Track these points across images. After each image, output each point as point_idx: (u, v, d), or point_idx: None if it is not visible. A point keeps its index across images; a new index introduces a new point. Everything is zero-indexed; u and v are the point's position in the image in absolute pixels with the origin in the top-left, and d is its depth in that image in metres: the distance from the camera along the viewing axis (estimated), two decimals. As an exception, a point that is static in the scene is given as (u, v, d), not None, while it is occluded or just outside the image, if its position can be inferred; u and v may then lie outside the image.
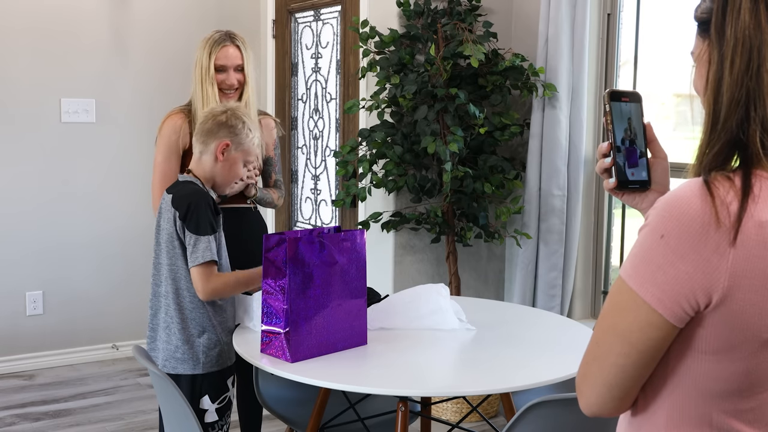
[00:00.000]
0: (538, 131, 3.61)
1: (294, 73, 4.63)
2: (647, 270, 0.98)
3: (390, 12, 3.70)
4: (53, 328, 4.41)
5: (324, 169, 4.44)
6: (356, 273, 2.23)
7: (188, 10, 4.61)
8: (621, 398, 1.05)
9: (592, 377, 1.05)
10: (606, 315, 1.03)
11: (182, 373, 2.31)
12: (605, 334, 1.03)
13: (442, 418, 3.41)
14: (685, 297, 0.96)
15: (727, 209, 0.94)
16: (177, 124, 2.76)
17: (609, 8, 3.64)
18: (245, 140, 2.37)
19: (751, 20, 0.98)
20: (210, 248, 2.24)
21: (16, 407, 3.84)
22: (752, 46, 0.98)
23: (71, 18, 4.32)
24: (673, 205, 0.97)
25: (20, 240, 4.30)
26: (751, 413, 1.02)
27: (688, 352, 1.01)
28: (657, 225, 0.98)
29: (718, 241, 0.94)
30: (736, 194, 0.95)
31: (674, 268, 0.96)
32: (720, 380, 1.00)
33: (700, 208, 0.95)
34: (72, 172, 4.39)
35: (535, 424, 1.87)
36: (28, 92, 4.26)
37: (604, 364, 1.03)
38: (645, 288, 0.98)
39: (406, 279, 3.77)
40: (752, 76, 0.97)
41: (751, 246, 0.94)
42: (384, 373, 2.11)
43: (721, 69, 1.00)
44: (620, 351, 1.01)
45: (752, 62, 0.97)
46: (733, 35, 0.99)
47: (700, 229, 0.95)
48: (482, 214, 3.60)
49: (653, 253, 0.98)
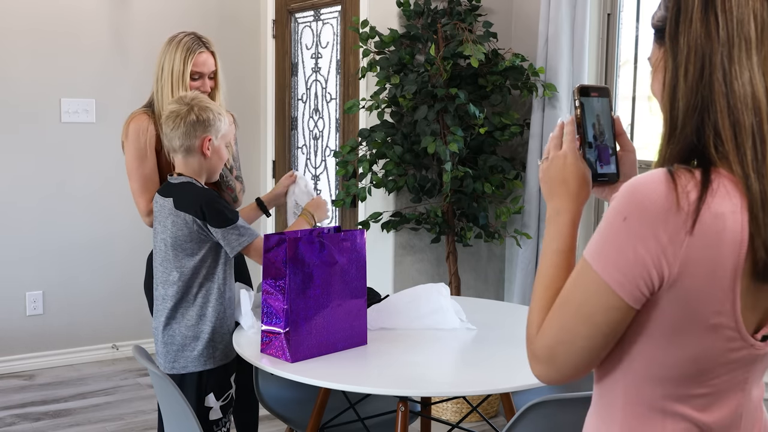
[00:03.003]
0: (538, 131, 3.62)
1: (294, 73, 4.63)
2: (610, 252, 1.01)
3: (390, 12, 3.70)
4: (53, 328, 4.41)
5: (324, 169, 4.45)
6: (356, 273, 2.23)
7: (188, 11, 4.61)
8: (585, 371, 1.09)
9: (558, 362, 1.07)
10: (570, 297, 1.06)
11: (191, 371, 2.34)
12: (571, 317, 1.05)
13: (442, 418, 3.41)
14: (642, 279, 0.99)
15: (687, 197, 0.98)
16: (143, 125, 2.67)
17: (609, 8, 3.64)
18: (221, 126, 2.37)
19: (702, 29, 1.01)
20: (247, 227, 2.30)
21: (16, 407, 3.84)
22: (704, 54, 1.01)
23: (71, 18, 4.32)
24: (637, 189, 1.00)
25: (20, 240, 4.30)
26: (703, 399, 1.06)
27: (639, 337, 1.05)
28: (620, 208, 1.01)
29: (677, 226, 0.98)
30: (696, 185, 0.99)
31: (634, 251, 0.99)
32: (669, 366, 1.04)
33: (663, 193, 0.98)
34: (72, 171, 4.39)
35: (535, 424, 1.87)
36: (28, 92, 4.26)
37: (570, 347, 1.06)
38: (607, 271, 1.01)
39: (406, 279, 3.77)
40: (705, 84, 1.01)
41: (705, 235, 0.98)
42: (384, 373, 2.11)
43: (676, 77, 1.03)
44: (586, 333, 1.04)
45: (705, 70, 1.01)
46: (686, 44, 1.02)
47: (661, 213, 0.98)
48: (482, 214, 3.60)
49: (615, 235, 1.01)
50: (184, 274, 2.31)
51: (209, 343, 2.33)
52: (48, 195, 4.34)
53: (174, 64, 2.66)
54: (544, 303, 1.10)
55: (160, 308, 2.36)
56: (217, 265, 2.34)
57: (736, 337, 1.02)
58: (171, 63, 2.67)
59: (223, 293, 2.35)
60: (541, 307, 1.11)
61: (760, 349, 1.05)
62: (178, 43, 2.68)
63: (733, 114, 0.99)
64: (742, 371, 1.06)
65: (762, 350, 1.05)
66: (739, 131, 0.99)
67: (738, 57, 1.00)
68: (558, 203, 1.17)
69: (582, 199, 1.17)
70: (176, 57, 2.66)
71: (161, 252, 2.34)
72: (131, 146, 2.68)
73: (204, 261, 2.32)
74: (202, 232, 2.28)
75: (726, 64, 1.00)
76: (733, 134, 0.99)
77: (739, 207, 0.98)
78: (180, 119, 2.31)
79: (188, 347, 2.33)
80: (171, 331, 2.34)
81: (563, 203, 1.16)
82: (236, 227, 2.27)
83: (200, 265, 2.31)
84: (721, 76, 1.00)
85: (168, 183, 2.38)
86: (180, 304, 2.33)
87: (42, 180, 4.32)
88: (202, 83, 2.72)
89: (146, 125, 2.67)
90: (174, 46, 2.68)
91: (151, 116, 2.70)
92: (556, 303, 1.08)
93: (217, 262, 2.34)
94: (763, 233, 0.98)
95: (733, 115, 0.99)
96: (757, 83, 0.99)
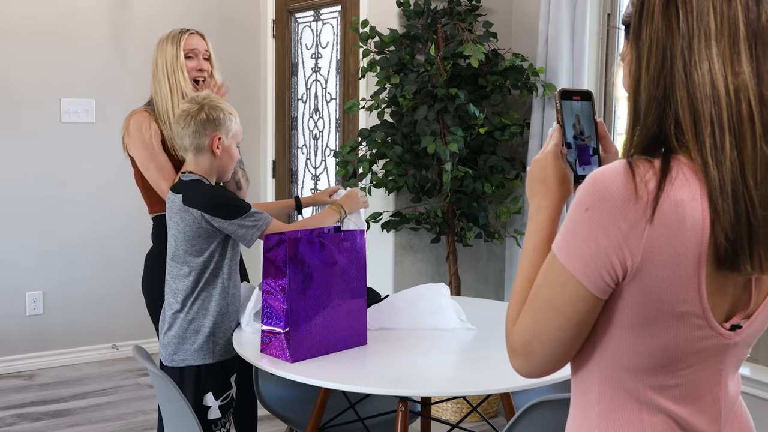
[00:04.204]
0: (538, 131, 3.62)
1: (294, 73, 4.63)
2: (573, 243, 1.03)
3: (390, 12, 3.70)
4: (53, 328, 4.41)
5: (324, 169, 4.45)
6: (356, 273, 2.23)
7: (188, 11, 4.61)
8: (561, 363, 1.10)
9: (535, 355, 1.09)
10: (541, 291, 1.07)
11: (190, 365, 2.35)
12: (542, 310, 1.07)
13: (442, 418, 3.41)
14: (606, 269, 1.01)
15: (646, 186, 0.99)
16: (145, 122, 2.67)
17: (609, 8, 3.64)
18: (232, 125, 2.38)
19: (663, 22, 1.03)
20: (259, 213, 2.30)
21: (16, 407, 3.84)
22: (665, 47, 1.03)
23: (71, 18, 4.32)
24: (598, 180, 1.01)
25: (20, 240, 4.30)
26: (677, 390, 1.06)
27: (609, 328, 1.06)
28: (582, 199, 1.02)
29: (636, 216, 0.99)
30: (654, 174, 1.00)
31: (596, 241, 1.00)
32: (640, 355, 1.05)
33: (622, 184, 1.00)
34: (72, 172, 4.39)
35: (535, 424, 1.87)
36: (28, 92, 4.26)
37: (544, 340, 1.07)
38: (572, 262, 1.03)
39: (406, 279, 3.77)
40: (666, 75, 1.02)
41: (666, 223, 0.99)
42: (384, 373, 2.11)
43: (639, 69, 1.05)
44: (557, 325, 1.06)
45: (666, 61, 1.03)
46: (647, 37, 1.04)
47: (621, 203, 0.99)
48: (482, 214, 3.60)
49: (578, 226, 1.02)
50: (194, 270, 2.33)
51: (209, 338, 2.34)
52: (48, 195, 4.35)
53: (167, 53, 2.71)
54: (522, 297, 1.12)
55: (171, 301, 2.38)
56: (224, 260, 2.36)
57: (704, 325, 1.03)
58: (164, 54, 2.72)
59: (227, 288, 2.36)
60: (517, 302, 1.13)
61: (729, 338, 1.05)
62: (167, 36, 2.76)
63: (692, 103, 1.01)
64: (713, 361, 1.06)
65: (731, 339, 1.05)
66: (699, 120, 1.00)
67: (698, 48, 1.01)
68: (538, 201, 1.18)
69: (561, 197, 1.18)
70: (167, 46, 2.72)
71: (172, 247, 2.37)
72: (137, 141, 2.67)
73: (212, 256, 2.33)
74: (211, 227, 2.29)
75: (686, 55, 1.01)
76: (693, 123, 1.00)
77: (698, 194, 0.99)
78: (190, 118, 2.33)
79: (188, 340, 2.34)
80: (176, 323, 2.36)
81: (542, 201, 1.18)
82: (251, 214, 2.29)
83: (209, 260, 2.33)
84: (681, 66, 1.01)
85: (180, 180, 2.39)
86: (188, 299, 2.34)
87: (42, 180, 4.32)
88: (197, 62, 2.75)
89: (148, 122, 2.68)
90: (164, 40, 2.75)
91: (152, 114, 2.70)
92: (529, 297, 1.09)
93: (224, 257, 2.36)
94: (722, 220, 0.98)
95: (693, 105, 1.00)
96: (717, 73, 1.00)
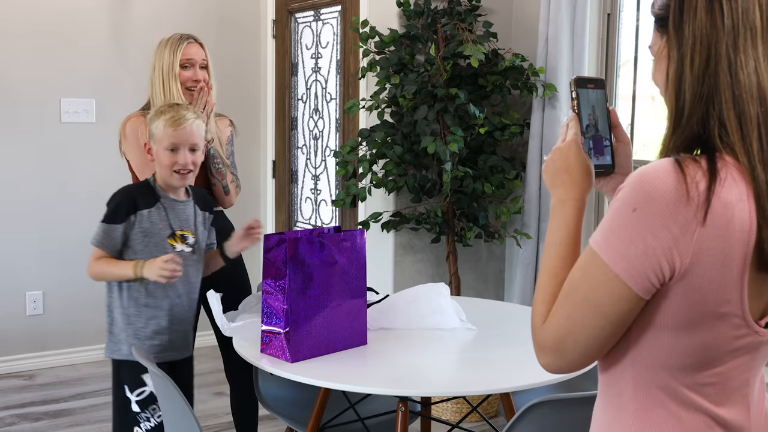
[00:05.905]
0: (538, 131, 3.61)
1: (294, 73, 4.63)
2: (619, 243, 1.00)
3: (390, 12, 3.70)
4: (53, 328, 4.41)
5: (324, 169, 4.45)
6: (356, 273, 2.23)
7: (188, 11, 4.61)
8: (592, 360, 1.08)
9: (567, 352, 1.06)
10: (578, 288, 1.04)
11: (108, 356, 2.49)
12: (579, 308, 1.04)
13: (442, 418, 3.41)
14: (653, 270, 0.99)
15: (697, 187, 0.97)
16: (141, 127, 2.70)
17: (609, 8, 3.64)
18: (155, 129, 2.40)
19: (707, 18, 1.00)
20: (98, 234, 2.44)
21: (16, 407, 3.84)
22: (710, 44, 1.00)
23: (71, 18, 4.32)
24: (646, 180, 0.99)
25: (20, 240, 4.30)
26: (711, 388, 1.05)
27: (647, 327, 1.04)
28: (629, 198, 1.00)
29: (687, 217, 0.97)
30: (704, 174, 0.98)
31: (644, 242, 0.98)
32: (678, 354, 1.04)
33: (672, 184, 0.98)
34: (72, 172, 4.39)
35: (535, 424, 1.87)
36: (28, 92, 4.26)
37: (579, 338, 1.05)
38: (616, 261, 1.00)
39: (406, 279, 3.77)
40: (711, 74, 1.00)
41: (716, 225, 0.97)
42: (384, 373, 2.10)
43: (681, 67, 1.02)
44: (595, 324, 1.04)
45: (711, 60, 1.00)
46: (691, 33, 1.01)
47: (671, 204, 0.97)
48: (482, 214, 3.60)
49: (625, 226, 1.00)
50: None
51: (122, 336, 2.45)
52: (48, 195, 4.34)
53: (164, 59, 2.75)
54: (550, 293, 1.09)
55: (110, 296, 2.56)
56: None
57: (742, 324, 1.02)
58: (161, 59, 2.76)
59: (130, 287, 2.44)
60: (546, 298, 1.09)
61: (763, 336, 1.05)
62: (167, 41, 2.79)
63: (738, 104, 0.99)
64: (745, 358, 1.06)
65: (765, 337, 1.05)
66: (745, 122, 0.99)
67: (743, 46, 0.99)
68: (562, 192, 1.16)
69: (585, 189, 1.16)
70: (165, 52, 2.76)
71: None
72: (134, 145, 2.73)
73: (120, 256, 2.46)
74: None
75: (731, 54, 0.99)
76: (739, 125, 0.99)
77: (745, 195, 0.98)
78: None
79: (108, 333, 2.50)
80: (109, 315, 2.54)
81: (567, 192, 1.15)
82: (104, 227, 2.45)
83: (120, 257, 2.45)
84: (726, 66, 0.99)
85: None
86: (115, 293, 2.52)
87: (42, 180, 4.32)
88: (193, 72, 2.78)
89: (143, 127, 2.68)
90: (163, 45, 2.79)
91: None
92: (562, 293, 1.07)
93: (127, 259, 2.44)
94: None
95: (738, 106, 0.99)
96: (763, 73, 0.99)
